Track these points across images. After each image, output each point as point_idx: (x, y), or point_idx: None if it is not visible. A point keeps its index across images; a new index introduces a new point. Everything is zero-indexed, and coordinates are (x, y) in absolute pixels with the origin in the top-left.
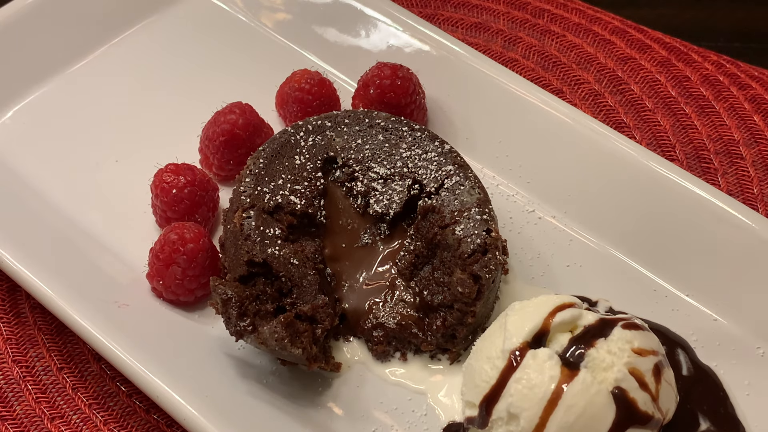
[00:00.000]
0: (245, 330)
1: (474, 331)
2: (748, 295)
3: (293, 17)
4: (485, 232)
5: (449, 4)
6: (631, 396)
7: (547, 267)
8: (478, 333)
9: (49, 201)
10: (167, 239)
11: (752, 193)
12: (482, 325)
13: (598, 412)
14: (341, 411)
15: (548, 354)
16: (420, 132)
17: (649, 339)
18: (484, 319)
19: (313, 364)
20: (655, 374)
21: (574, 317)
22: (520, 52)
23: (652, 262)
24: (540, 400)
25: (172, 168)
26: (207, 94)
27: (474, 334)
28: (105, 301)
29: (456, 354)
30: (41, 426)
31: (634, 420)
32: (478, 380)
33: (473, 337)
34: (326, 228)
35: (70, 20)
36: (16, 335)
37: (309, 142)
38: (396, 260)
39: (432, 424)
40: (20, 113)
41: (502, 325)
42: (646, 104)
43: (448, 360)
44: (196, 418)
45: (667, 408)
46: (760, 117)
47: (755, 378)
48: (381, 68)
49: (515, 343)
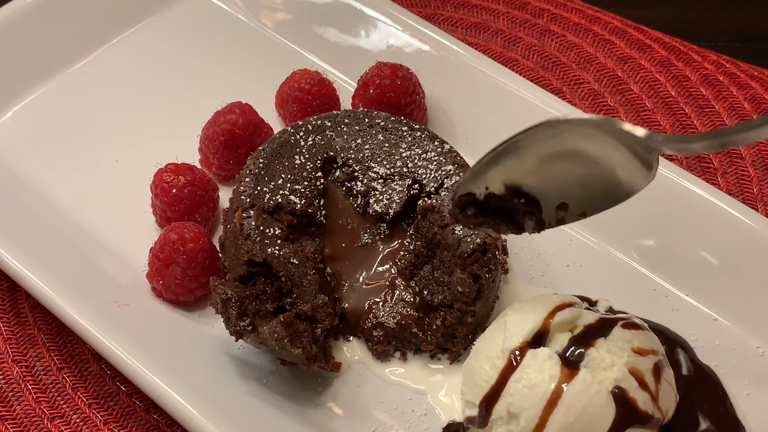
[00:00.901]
0: (245, 330)
1: (474, 331)
2: (748, 295)
3: (293, 17)
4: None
5: (449, 4)
6: (631, 395)
7: (547, 267)
8: (478, 332)
9: (49, 201)
10: (167, 239)
11: (752, 192)
12: (482, 325)
13: (598, 412)
14: (341, 411)
15: (548, 354)
16: (420, 132)
17: (648, 338)
18: (484, 318)
19: (313, 363)
20: (655, 374)
21: (574, 317)
22: (520, 52)
23: (652, 262)
24: (540, 400)
25: (172, 168)
26: (207, 94)
27: (474, 333)
28: (105, 301)
29: (456, 353)
30: (41, 426)
31: (634, 419)
32: (478, 380)
33: (473, 337)
34: (326, 228)
35: (70, 20)
36: (16, 335)
37: (309, 141)
38: (396, 260)
39: (432, 424)
40: (20, 113)
41: (501, 324)
42: (646, 104)
43: (448, 360)
44: (196, 418)
45: (667, 407)
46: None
47: (755, 378)
48: (381, 68)
49: (515, 343)
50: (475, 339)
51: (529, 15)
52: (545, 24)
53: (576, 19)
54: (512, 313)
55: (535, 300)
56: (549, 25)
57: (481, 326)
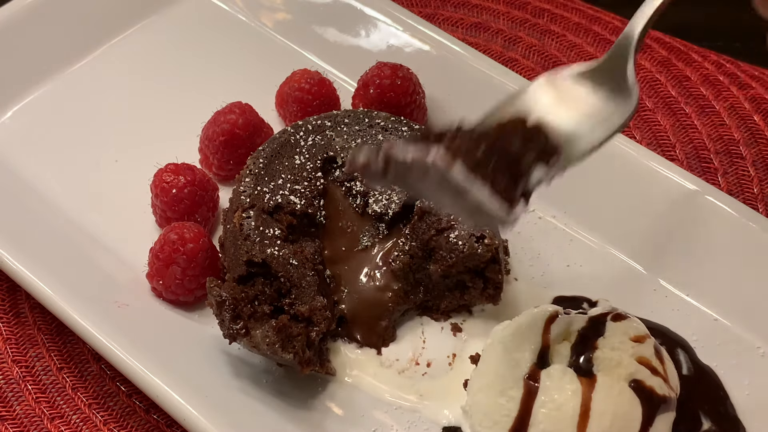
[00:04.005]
0: (238, 333)
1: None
2: (748, 295)
3: (293, 17)
4: (478, 239)
5: (449, 3)
6: (648, 384)
7: (547, 267)
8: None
9: (49, 201)
10: (167, 239)
11: (752, 193)
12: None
13: (628, 410)
14: (341, 411)
15: (562, 370)
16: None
17: (637, 324)
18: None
19: (305, 368)
20: (658, 356)
21: (567, 325)
22: (520, 52)
23: (652, 262)
24: (571, 418)
25: (172, 168)
26: (207, 94)
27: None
28: (105, 301)
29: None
30: (41, 426)
31: (658, 406)
32: (497, 416)
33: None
34: (326, 229)
35: (70, 20)
36: (16, 335)
37: (309, 141)
38: (390, 260)
39: (432, 424)
40: (20, 113)
41: (499, 354)
42: (646, 104)
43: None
44: (196, 418)
45: (676, 384)
46: (760, 117)
47: (755, 378)
48: (381, 68)
49: (525, 369)
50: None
51: (529, 15)
52: (545, 24)
53: (576, 19)
54: (506, 339)
55: (521, 320)
56: (549, 25)
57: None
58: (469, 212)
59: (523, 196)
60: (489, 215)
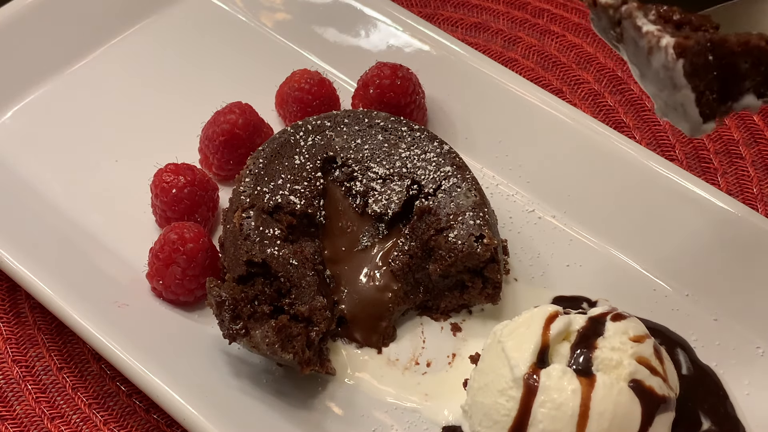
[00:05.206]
0: (237, 333)
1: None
2: (748, 295)
3: (293, 17)
4: (477, 239)
5: (449, 4)
6: (648, 384)
7: (547, 267)
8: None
9: (49, 201)
10: (167, 239)
11: (752, 193)
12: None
13: (627, 410)
14: (341, 411)
15: (561, 369)
16: (419, 132)
17: (636, 324)
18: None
19: (305, 368)
20: (657, 356)
21: (566, 324)
22: (520, 52)
23: (652, 262)
24: (571, 417)
25: (171, 168)
26: (207, 94)
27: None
28: (105, 301)
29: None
30: (41, 426)
31: (658, 405)
32: (497, 416)
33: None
34: (326, 229)
35: (70, 20)
36: (16, 335)
37: (308, 141)
38: (390, 260)
39: (432, 424)
40: (20, 113)
41: (499, 353)
42: (646, 104)
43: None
44: (196, 418)
45: (675, 384)
46: (760, 117)
47: (755, 378)
48: (381, 68)
49: (524, 368)
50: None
51: (529, 15)
52: (545, 24)
53: (576, 19)
54: (506, 338)
55: (521, 319)
56: (549, 25)
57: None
58: (666, 102)
59: (722, 114)
60: (683, 117)
